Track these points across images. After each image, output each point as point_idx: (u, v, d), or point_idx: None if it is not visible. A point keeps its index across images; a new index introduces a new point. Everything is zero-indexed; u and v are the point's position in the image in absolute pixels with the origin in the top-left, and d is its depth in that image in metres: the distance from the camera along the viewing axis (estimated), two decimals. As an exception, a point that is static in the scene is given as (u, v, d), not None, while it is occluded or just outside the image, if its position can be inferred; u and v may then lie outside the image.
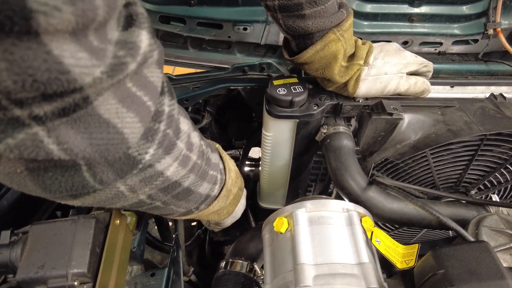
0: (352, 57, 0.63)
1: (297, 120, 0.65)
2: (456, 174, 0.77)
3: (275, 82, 0.65)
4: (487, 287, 0.36)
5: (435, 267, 0.40)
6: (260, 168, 0.82)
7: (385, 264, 0.57)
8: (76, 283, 0.38)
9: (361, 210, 0.54)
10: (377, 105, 0.63)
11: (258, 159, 1.12)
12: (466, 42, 1.01)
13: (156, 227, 0.92)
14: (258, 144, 1.03)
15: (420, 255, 0.53)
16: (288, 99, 0.62)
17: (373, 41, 1.00)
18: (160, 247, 0.73)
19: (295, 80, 0.66)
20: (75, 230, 0.40)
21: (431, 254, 0.42)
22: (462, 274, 0.38)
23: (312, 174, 0.81)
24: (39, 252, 0.39)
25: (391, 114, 0.63)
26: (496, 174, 0.76)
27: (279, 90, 0.63)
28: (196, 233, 0.88)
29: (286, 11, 0.53)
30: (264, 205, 0.90)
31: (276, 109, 0.64)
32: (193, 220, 1.13)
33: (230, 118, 0.93)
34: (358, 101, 0.66)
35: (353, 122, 0.69)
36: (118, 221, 0.47)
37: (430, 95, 0.70)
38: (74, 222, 0.41)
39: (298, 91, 0.63)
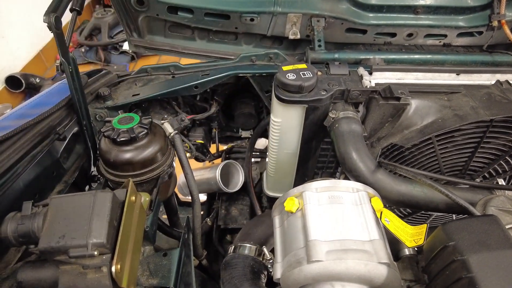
0: None
1: (306, 106, 0.66)
2: (462, 162, 0.78)
3: (284, 68, 0.66)
4: (497, 256, 0.37)
5: (445, 240, 0.41)
6: (267, 156, 0.83)
7: (392, 250, 0.57)
8: (95, 253, 0.39)
9: (371, 190, 0.55)
10: (385, 90, 0.64)
11: (264, 151, 1.13)
12: (471, 34, 1.02)
13: (164, 216, 0.93)
14: (265, 134, 1.04)
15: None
16: (297, 84, 0.63)
17: (378, 34, 1.03)
18: (169, 233, 0.74)
19: (304, 66, 0.67)
20: (93, 203, 0.41)
21: (441, 229, 0.43)
22: (472, 245, 0.39)
23: (319, 162, 0.82)
24: (60, 223, 0.40)
25: (398, 99, 0.64)
26: (501, 162, 0.76)
27: (288, 75, 0.64)
28: (204, 221, 0.89)
29: None
30: (270, 193, 0.91)
31: (285, 94, 0.65)
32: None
33: (238, 108, 0.94)
34: (366, 86, 0.67)
35: (361, 108, 0.70)
36: (134, 198, 0.48)
37: (436, 82, 0.71)
38: (92, 196, 0.42)
39: (307, 76, 0.64)
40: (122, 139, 0.56)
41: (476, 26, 1.00)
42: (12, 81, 2.41)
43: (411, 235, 0.54)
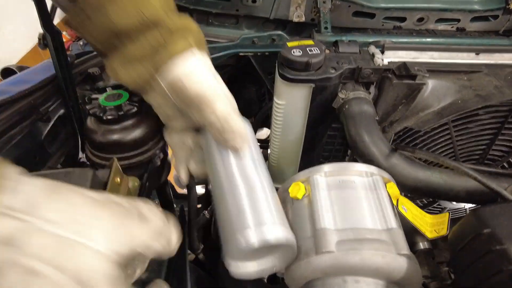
0: None
1: (313, 85, 0.60)
2: (479, 150, 0.72)
3: (290, 44, 0.60)
4: (544, 244, 0.31)
5: (479, 228, 0.35)
6: (269, 143, 0.77)
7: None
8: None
9: (386, 175, 0.49)
10: (399, 67, 0.59)
11: (265, 140, 1.07)
12: (486, 19, 0.96)
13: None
14: (266, 122, 0.99)
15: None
16: (304, 61, 0.58)
17: (387, 17, 0.97)
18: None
19: (311, 42, 0.61)
20: (68, 181, 0.36)
21: (472, 215, 0.37)
22: (512, 232, 0.33)
23: (325, 151, 0.77)
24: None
25: (414, 78, 0.58)
26: (523, 150, 0.71)
27: (293, 51, 0.59)
28: (202, 213, 0.84)
29: None
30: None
31: (290, 72, 0.59)
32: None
33: (237, 94, 0.89)
34: (379, 65, 0.61)
35: (372, 89, 0.64)
36: (118, 180, 0.42)
37: (454, 61, 0.66)
38: (69, 174, 0.36)
39: (314, 52, 0.59)
40: (109, 117, 0.50)
41: (492, 10, 0.94)
42: (7, 74, 2.36)
43: (431, 225, 0.48)
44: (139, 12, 0.43)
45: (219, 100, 0.46)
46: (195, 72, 0.46)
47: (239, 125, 0.46)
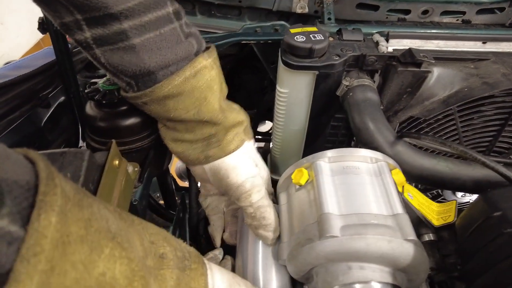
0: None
1: (316, 73, 0.59)
2: (486, 142, 0.71)
3: (292, 30, 0.59)
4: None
5: (488, 211, 0.34)
6: (272, 135, 0.76)
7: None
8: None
9: (391, 161, 0.48)
10: (404, 54, 0.57)
11: (266, 133, 1.06)
12: (492, 11, 0.95)
13: (162, 202, 0.87)
14: (268, 115, 0.97)
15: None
16: (307, 47, 0.56)
17: (391, 10, 0.96)
18: (164, 215, 0.67)
19: (314, 28, 0.60)
20: (63, 161, 0.35)
21: (482, 198, 0.36)
22: (524, 214, 0.32)
23: (329, 142, 0.75)
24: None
25: (419, 65, 0.57)
26: (531, 141, 0.69)
27: (297, 37, 0.57)
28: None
29: (105, 44, 0.39)
30: (276, 177, 0.84)
31: (293, 59, 0.58)
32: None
33: (240, 85, 0.88)
34: (383, 52, 0.60)
35: (377, 78, 0.63)
36: (117, 162, 0.41)
37: (461, 49, 0.64)
38: (64, 154, 0.35)
39: (318, 38, 0.57)
40: (108, 100, 0.49)
41: (498, 2, 0.93)
42: (10, 70, 2.36)
43: (438, 213, 0.47)
44: (199, 112, 0.45)
45: (255, 191, 0.50)
46: (239, 165, 0.50)
47: (271, 217, 0.50)
